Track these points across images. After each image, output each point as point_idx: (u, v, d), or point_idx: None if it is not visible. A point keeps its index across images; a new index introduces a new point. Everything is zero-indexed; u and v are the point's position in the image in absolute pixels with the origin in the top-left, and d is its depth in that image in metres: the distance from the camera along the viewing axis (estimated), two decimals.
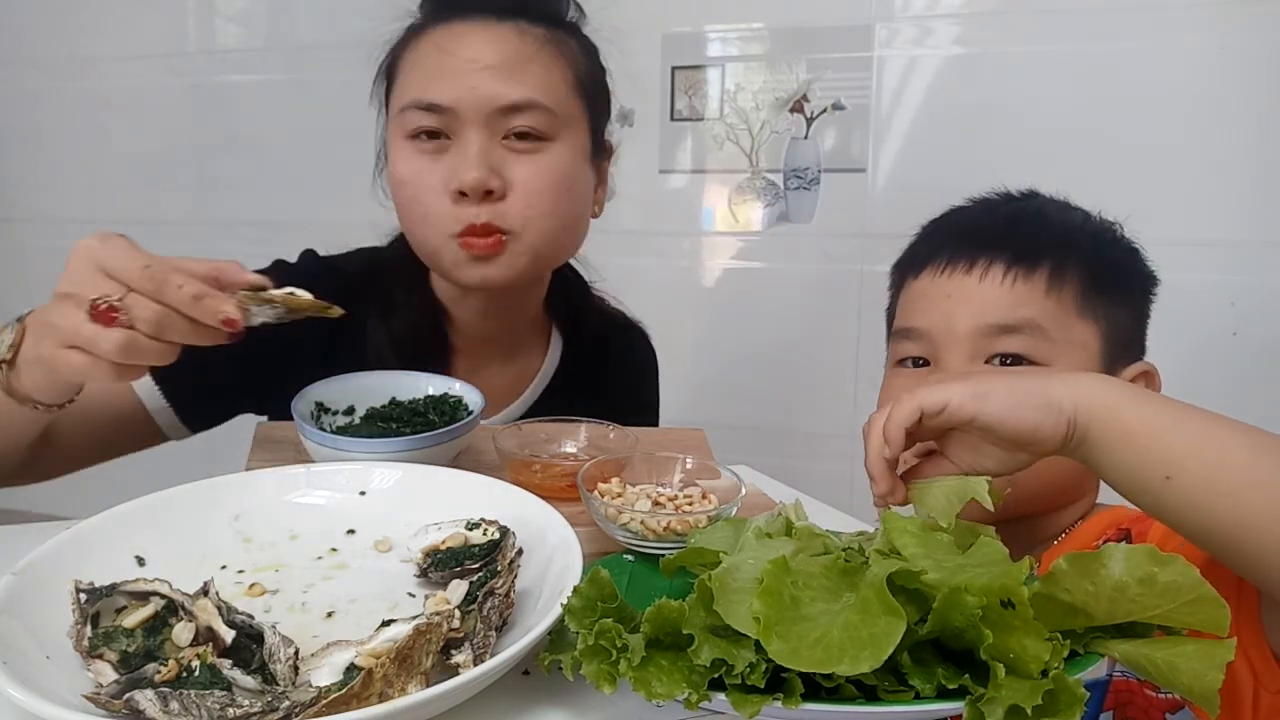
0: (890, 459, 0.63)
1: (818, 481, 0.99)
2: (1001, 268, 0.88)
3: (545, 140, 0.94)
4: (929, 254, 0.94)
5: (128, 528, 0.63)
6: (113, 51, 2.12)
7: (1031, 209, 0.95)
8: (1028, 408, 0.60)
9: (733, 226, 1.84)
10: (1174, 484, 0.58)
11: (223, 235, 2.10)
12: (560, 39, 0.97)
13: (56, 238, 2.24)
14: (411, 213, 0.96)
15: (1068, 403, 0.60)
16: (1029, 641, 0.45)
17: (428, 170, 0.93)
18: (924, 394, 0.61)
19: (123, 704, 0.47)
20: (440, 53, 0.93)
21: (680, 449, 0.80)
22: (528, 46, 0.94)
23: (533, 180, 0.94)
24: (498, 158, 0.93)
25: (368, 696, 0.46)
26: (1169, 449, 0.58)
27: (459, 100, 0.91)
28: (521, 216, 0.94)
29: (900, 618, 0.45)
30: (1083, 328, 0.88)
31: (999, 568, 0.49)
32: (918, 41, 1.67)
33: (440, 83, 0.92)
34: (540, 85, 0.93)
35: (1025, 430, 0.60)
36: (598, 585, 0.52)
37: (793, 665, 0.45)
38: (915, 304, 0.94)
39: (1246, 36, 1.49)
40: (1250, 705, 0.71)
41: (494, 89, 0.92)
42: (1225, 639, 0.48)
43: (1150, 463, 0.59)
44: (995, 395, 0.60)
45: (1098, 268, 0.89)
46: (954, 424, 0.62)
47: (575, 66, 0.98)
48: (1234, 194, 1.54)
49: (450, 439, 0.78)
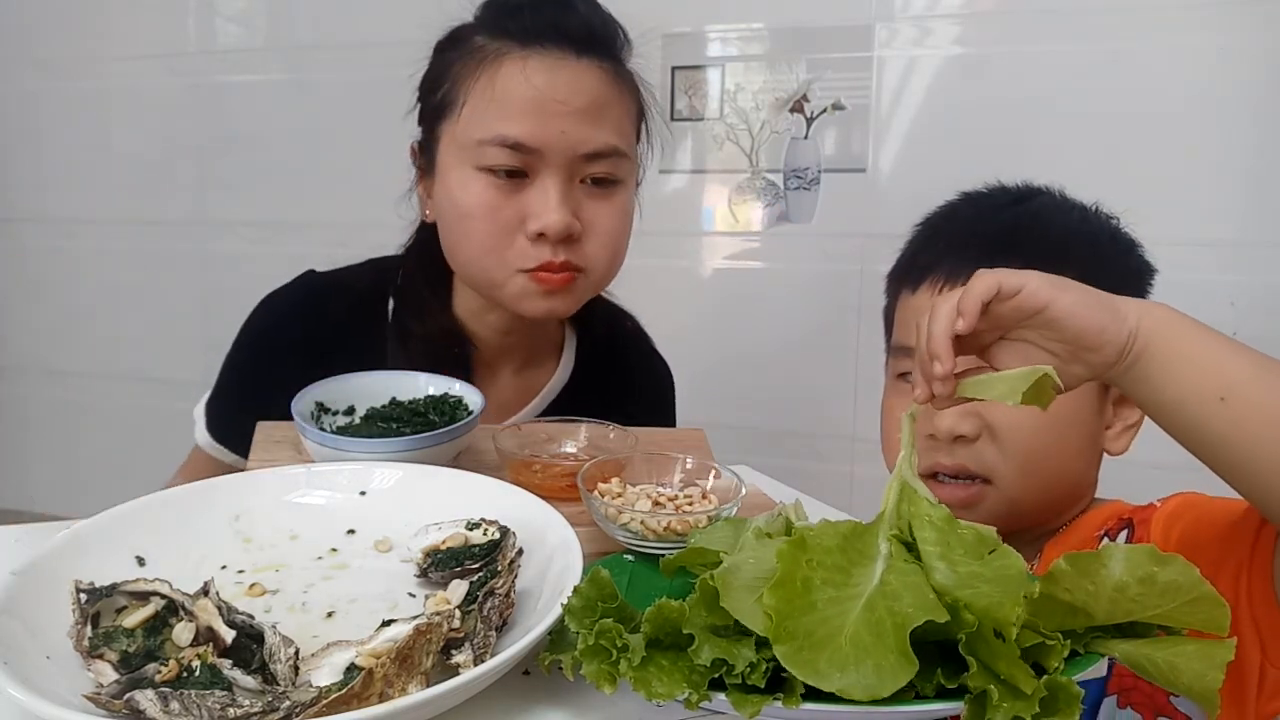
0: (961, 331, 0.61)
1: (818, 481, 0.99)
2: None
3: (617, 182, 0.96)
4: (925, 266, 0.93)
5: (128, 528, 0.63)
6: (113, 51, 2.13)
7: (1027, 215, 0.94)
8: (1097, 309, 0.61)
9: (733, 226, 1.84)
10: (1227, 405, 0.59)
11: (223, 235, 2.11)
12: (624, 74, 0.98)
13: (56, 238, 2.27)
14: (479, 244, 0.94)
15: (1133, 316, 0.62)
16: (1015, 672, 0.45)
17: (502, 206, 0.92)
18: (1003, 273, 0.62)
19: (123, 704, 0.47)
20: (525, 88, 0.91)
21: (680, 449, 0.80)
22: (606, 89, 0.94)
23: (607, 223, 0.95)
24: (576, 200, 0.93)
25: (368, 696, 0.46)
26: (1225, 373, 0.60)
27: (546, 143, 0.90)
28: (595, 257, 0.95)
29: (911, 664, 0.45)
30: None
31: (1007, 586, 0.48)
32: (918, 41, 1.67)
33: (526, 121, 0.90)
34: (618, 130, 0.95)
35: (1092, 329, 0.61)
36: (598, 585, 0.52)
37: (795, 671, 0.45)
38: (913, 321, 0.92)
39: (1246, 36, 1.49)
40: (1256, 684, 0.71)
41: (583, 135, 0.91)
42: (1225, 639, 0.48)
43: (1207, 384, 0.60)
44: (1071, 289, 0.61)
45: (1096, 277, 0.89)
46: (1025, 310, 0.61)
47: (637, 102, 0.99)
48: (1234, 194, 1.54)
49: (450, 439, 0.78)
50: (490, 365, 1.07)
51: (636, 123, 1.00)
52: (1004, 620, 0.46)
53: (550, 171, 0.91)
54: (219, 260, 2.10)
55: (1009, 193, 0.98)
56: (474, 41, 0.95)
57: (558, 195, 0.91)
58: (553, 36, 0.92)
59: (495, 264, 0.94)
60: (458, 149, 0.94)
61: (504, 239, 0.93)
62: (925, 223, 1.00)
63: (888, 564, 0.51)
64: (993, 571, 0.50)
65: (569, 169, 0.92)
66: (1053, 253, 0.88)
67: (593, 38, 0.94)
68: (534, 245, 0.92)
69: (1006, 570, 0.50)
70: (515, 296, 0.95)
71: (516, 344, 1.07)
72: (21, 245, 2.26)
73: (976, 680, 0.45)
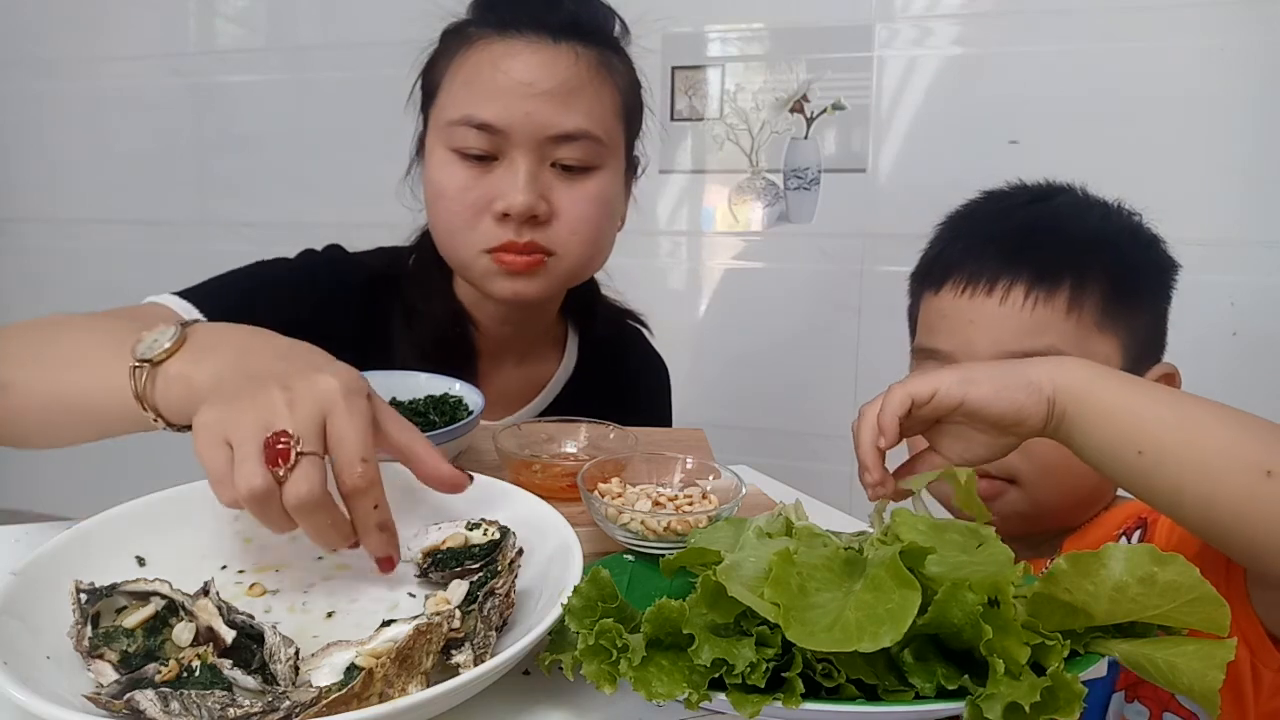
0: (884, 448, 0.65)
1: (818, 481, 0.99)
2: (1022, 290, 0.87)
3: (591, 168, 0.95)
4: (948, 267, 0.93)
5: (128, 528, 0.63)
6: (113, 51, 2.13)
7: (1048, 214, 0.94)
8: (1011, 390, 0.63)
9: (733, 226, 1.84)
10: (1144, 458, 0.61)
11: (223, 235, 2.11)
12: (610, 62, 0.97)
13: (57, 238, 2.26)
14: (448, 224, 0.96)
15: (1047, 384, 0.63)
16: (1008, 642, 0.45)
17: (470, 186, 0.93)
18: (914, 383, 0.64)
19: (123, 704, 0.47)
20: (495, 71, 0.92)
21: (680, 449, 0.80)
22: (582, 73, 0.93)
23: (578, 207, 0.94)
24: (544, 182, 0.93)
25: (368, 696, 0.46)
26: (1140, 425, 0.61)
27: (512, 124, 0.91)
28: (565, 241, 0.95)
29: (915, 589, 0.46)
30: (1103, 342, 0.88)
31: (1000, 569, 0.49)
32: (918, 41, 1.67)
33: (494, 103, 0.91)
34: (591, 114, 0.94)
35: (1010, 412, 0.63)
36: (598, 585, 0.52)
37: (812, 647, 0.45)
38: (937, 324, 0.93)
39: (1246, 36, 1.50)
40: (1250, 681, 0.72)
41: (548, 117, 0.91)
42: (1225, 639, 0.48)
43: (1124, 439, 0.62)
44: (980, 380, 0.63)
45: (1118, 276, 0.89)
46: (942, 410, 0.64)
47: (622, 91, 0.99)
48: (1234, 194, 1.54)
49: (450, 439, 0.78)
50: (494, 356, 1.07)
51: (622, 111, 0.99)
52: (1001, 586, 0.46)
53: (519, 153, 0.92)
54: (219, 260, 2.09)
55: (1029, 191, 0.97)
56: (464, 31, 0.97)
57: (524, 176, 0.91)
58: (530, 23, 0.93)
59: (463, 244, 0.95)
60: (435, 131, 0.96)
61: (472, 219, 0.93)
62: (947, 221, 0.99)
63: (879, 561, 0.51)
64: (983, 558, 0.51)
65: (538, 152, 0.92)
66: (1072, 252, 0.89)
67: (575, 23, 0.94)
68: (499, 225, 0.93)
69: (997, 557, 0.51)
70: (480, 277, 0.96)
71: (515, 335, 1.08)
72: (22, 245, 2.26)
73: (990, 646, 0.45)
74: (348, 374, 0.59)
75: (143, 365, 0.62)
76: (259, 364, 0.60)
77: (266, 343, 0.64)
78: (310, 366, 0.59)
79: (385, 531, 0.58)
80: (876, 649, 0.44)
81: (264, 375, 0.58)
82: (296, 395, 0.56)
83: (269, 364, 0.60)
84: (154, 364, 0.62)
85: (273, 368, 0.59)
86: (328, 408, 0.56)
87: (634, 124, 1.03)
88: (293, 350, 0.63)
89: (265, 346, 0.63)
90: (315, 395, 0.56)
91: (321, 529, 0.57)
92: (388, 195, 1.05)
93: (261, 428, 0.55)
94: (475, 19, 0.98)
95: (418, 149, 1.02)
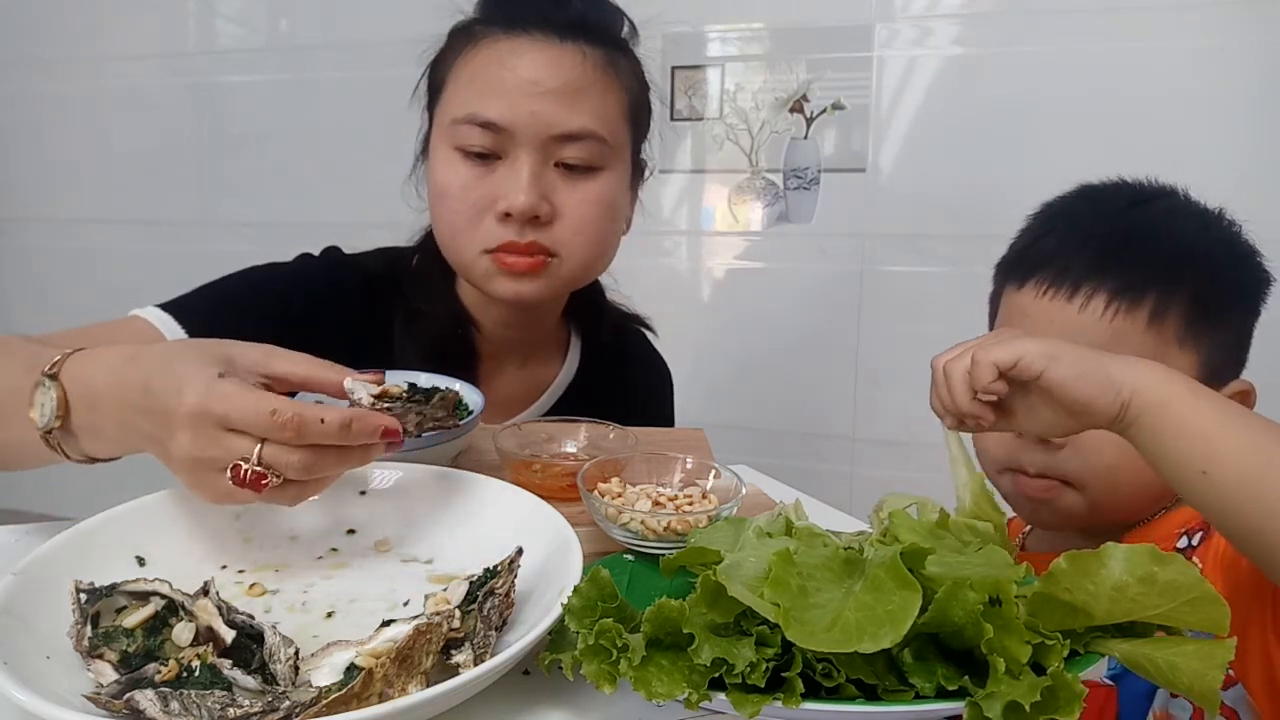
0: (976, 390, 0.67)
1: (818, 481, 0.99)
2: (1104, 299, 0.85)
3: (596, 169, 0.94)
4: (1034, 264, 0.90)
5: (128, 528, 0.63)
6: (113, 51, 2.13)
7: (1145, 220, 0.90)
8: (1090, 380, 0.63)
9: (733, 226, 1.84)
10: (1208, 479, 0.61)
11: (223, 235, 2.11)
12: (616, 62, 0.96)
13: (57, 238, 2.26)
14: (450, 223, 0.95)
15: (1126, 387, 0.63)
16: (1009, 641, 0.45)
17: (473, 185, 0.93)
18: (997, 351, 0.65)
19: (123, 704, 0.47)
20: (500, 69, 0.91)
21: (680, 449, 0.80)
22: (588, 73, 0.93)
23: (581, 208, 0.94)
24: (548, 182, 0.92)
25: (368, 696, 0.46)
26: (1209, 448, 0.61)
27: (516, 123, 0.90)
28: (567, 242, 0.94)
29: (915, 590, 0.46)
30: (1181, 358, 0.86)
31: (1000, 569, 0.49)
32: (918, 41, 1.67)
33: (498, 101, 0.91)
34: (596, 115, 0.93)
35: (1081, 400, 0.63)
36: (598, 585, 0.52)
37: (812, 647, 0.45)
38: (1017, 320, 0.91)
39: (1246, 36, 1.50)
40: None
41: (553, 116, 0.90)
42: (1225, 639, 0.48)
43: (1191, 458, 0.62)
44: (1064, 360, 0.64)
45: (1206, 293, 0.87)
46: (1024, 377, 0.65)
47: (629, 91, 0.98)
48: (1233, 194, 1.54)
49: (450, 439, 0.78)
50: (495, 359, 1.07)
51: (628, 112, 0.98)
52: (1003, 584, 0.46)
53: (522, 152, 0.91)
54: (219, 260, 2.09)
55: (1129, 193, 0.94)
56: (471, 29, 0.97)
57: (527, 176, 0.91)
58: (537, 21, 0.93)
59: (465, 244, 0.94)
60: (440, 130, 0.96)
61: (475, 219, 0.93)
62: (1040, 214, 0.96)
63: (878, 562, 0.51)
64: (982, 559, 0.52)
65: (542, 151, 0.92)
66: (1162, 264, 0.86)
67: (583, 22, 0.94)
68: (501, 225, 0.92)
69: (996, 557, 0.52)
70: (482, 277, 0.96)
71: (517, 338, 1.07)
72: (22, 245, 2.26)
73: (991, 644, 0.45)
74: (198, 373, 0.58)
75: (51, 433, 0.63)
76: (132, 419, 0.60)
77: (129, 384, 0.61)
78: (165, 410, 0.57)
79: (353, 422, 0.58)
80: (876, 650, 0.44)
81: (156, 436, 0.58)
82: (196, 440, 0.56)
83: (137, 422, 0.59)
84: (59, 429, 0.63)
85: (142, 427, 0.59)
86: (218, 419, 0.56)
87: (641, 126, 1.02)
88: (148, 387, 0.59)
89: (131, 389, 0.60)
90: (199, 427, 0.56)
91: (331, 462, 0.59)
92: (388, 195, 1.05)
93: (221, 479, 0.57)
94: (482, 17, 0.97)
95: (422, 148, 1.02)
